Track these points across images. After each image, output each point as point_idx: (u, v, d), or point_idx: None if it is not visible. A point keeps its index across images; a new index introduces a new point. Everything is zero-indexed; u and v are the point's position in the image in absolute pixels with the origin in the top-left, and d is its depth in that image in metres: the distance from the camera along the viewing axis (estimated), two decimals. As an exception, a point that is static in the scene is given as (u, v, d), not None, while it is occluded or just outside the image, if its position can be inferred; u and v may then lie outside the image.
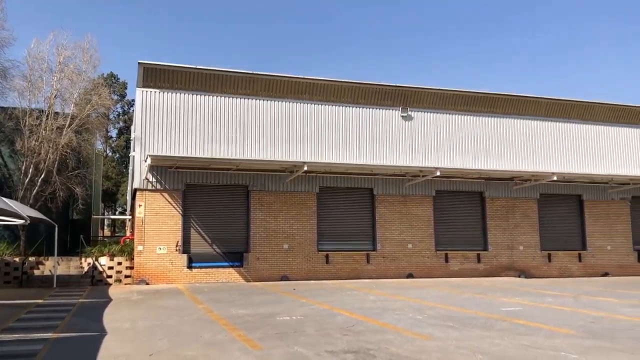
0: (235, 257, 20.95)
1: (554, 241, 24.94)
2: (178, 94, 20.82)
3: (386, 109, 23.10)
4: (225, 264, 20.76)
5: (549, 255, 24.64)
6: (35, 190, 22.51)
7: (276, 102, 21.81)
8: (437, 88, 23.59)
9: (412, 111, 23.35)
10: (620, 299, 14.92)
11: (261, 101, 21.67)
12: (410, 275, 22.56)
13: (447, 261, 23.26)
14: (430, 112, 23.63)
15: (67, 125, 22.93)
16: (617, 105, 26.10)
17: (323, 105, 22.34)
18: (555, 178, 22.87)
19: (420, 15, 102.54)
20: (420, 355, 7.42)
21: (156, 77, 20.62)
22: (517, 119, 24.69)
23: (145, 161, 19.36)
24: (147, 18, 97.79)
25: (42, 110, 23.09)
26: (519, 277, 23.64)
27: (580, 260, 25.13)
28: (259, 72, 21.50)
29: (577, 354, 7.49)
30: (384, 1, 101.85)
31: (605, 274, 25.19)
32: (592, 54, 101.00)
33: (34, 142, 22.51)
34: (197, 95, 20.99)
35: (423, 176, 22.32)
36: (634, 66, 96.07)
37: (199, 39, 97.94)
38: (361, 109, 22.80)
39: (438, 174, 21.45)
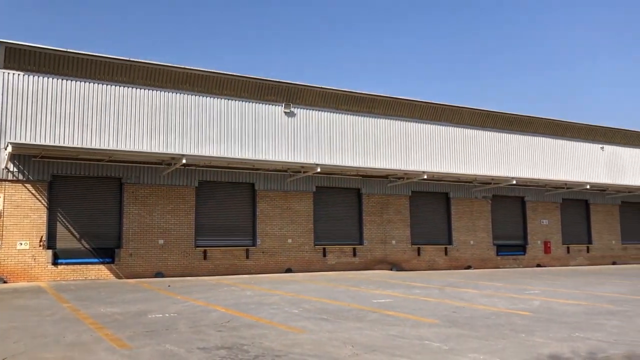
0: (106, 252, 19.91)
1: (423, 236, 26.51)
2: (46, 78, 19.33)
3: (269, 105, 23.12)
4: (95, 260, 19.68)
5: (419, 249, 26.13)
6: None
7: (155, 92, 21.00)
8: (320, 86, 24.05)
9: (295, 108, 23.58)
10: (479, 290, 16.16)
11: (139, 90, 20.75)
12: (289, 270, 22.82)
13: (325, 255, 23.82)
14: (313, 110, 24.03)
15: None
16: (482, 110, 28.19)
17: (205, 98, 21.87)
18: (425, 176, 24.32)
19: (307, 12, 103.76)
20: (293, 348, 7.51)
21: (21, 58, 19.01)
22: (393, 120, 25.83)
23: (6, 149, 17.81)
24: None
25: None
26: (391, 270, 24.82)
27: (446, 254, 26.91)
28: (136, 59, 20.58)
29: (439, 342, 7.98)
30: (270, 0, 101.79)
31: (468, 267, 27.19)
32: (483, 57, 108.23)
33: None
34: (68, 80, 19.63)
35: (304, 172, 22.66)
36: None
37: (77, 24, 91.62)
38: (244, 103, 22.63)
39: (319, 170, 21.92)
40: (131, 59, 20.45)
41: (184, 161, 19.32)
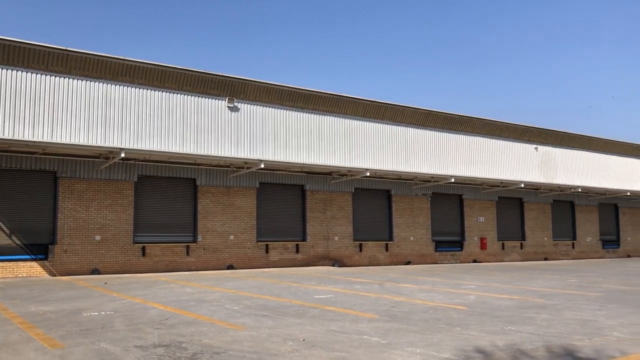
0: (39, 249, 19.14)
1: (365, 232, 26.88)
2: (-26, 65, 18.32)
3: (212, 99, 22.77)
4: (27, 257, 18.88)
5: (361, 245, 26.47)
6: None
7: (93, 83, 20.28)
8: (264, 81, 23.85)
9: (238, 102, 23.32)
10: (418, 285, 16.52)
11: (76, 80, 19.98)
12: (230, 267, 22.63)
13: (267, 252, 23.76)
14: (257, 105, 23.82)
15: None
16: (423, 109, 28.70)
17: (145, 90, 21.29)
18: (368, 174, 24.65)
19: (253, 7, 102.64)
20: (232, 345, 7.46)
21: (-55, 43, 17.93)
22: (337, 117, 25.96)
23: None
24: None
25: None
26: (333, 266, 25.03)
27: (387, 249, 27.38)
28: (73, 49, 19.76)
29: (377, 337, 8.11)
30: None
31: (408, 262, 27.77)
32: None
33: None
34: (-2, 68, 18.67)
35: (247, 168, 22.50)
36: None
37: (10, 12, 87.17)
38: (186, 96, 22.18)
39: (262, 166, 21.81)
40: (67, 49, 19.64)
41: (122, 155, 18.80)
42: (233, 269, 22.61)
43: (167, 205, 22.03)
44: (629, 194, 35.81)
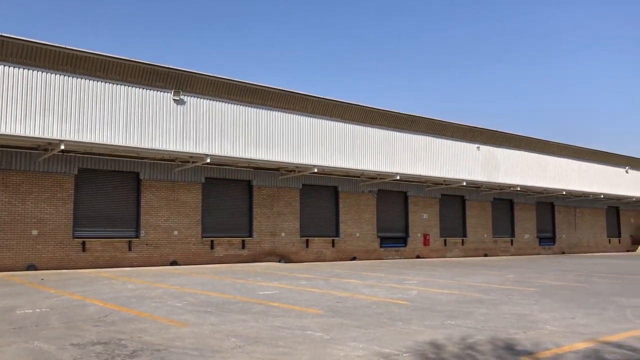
0: (-30, 244, 18.23)
1: (312, 228, 26.97)
2: None
3: (158, 91, 22.25)
4: (-43, 252, 17.96)
5: (307, 241, 26.55)
6: None
7: (31, 71, 19.43)
8: (212, 75, 23.48)
9: (185, 95, 22.88)
10: (362, 280, 16.73)
11: (13, 68, 19.09)
12: (174, 263, 22.24)
13: (212, 248, 23.48)
14: (204, 99, 23.43)
15: None
16: (370, 108, 28.95)
17: (87, 80, 20.57)
18: (315, 170, 24.74)
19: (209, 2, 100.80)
20: (173, 342, 7.34)
21: None
22: (285, 113, 25.85)
23: None
24: None
25: None
26: (280, 262, 25.00)
27: (333, 245, 27.58)
28: (9, 35, 18.86)
29: (321, 332, 8.16)
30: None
31: (354, 258, 28.07)
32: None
33: None
34: None
35: (193, 162, 22.15)
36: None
37: None
38: (130, 87, 21.58)
39: (208, 160, 21.54)
40: (3, 35, 18.73)
41: (62, 147, 18.16)
42: (177, 265, 22.22)
43: (109, 199, 21.42)
44: (564, 193, 37.43)
